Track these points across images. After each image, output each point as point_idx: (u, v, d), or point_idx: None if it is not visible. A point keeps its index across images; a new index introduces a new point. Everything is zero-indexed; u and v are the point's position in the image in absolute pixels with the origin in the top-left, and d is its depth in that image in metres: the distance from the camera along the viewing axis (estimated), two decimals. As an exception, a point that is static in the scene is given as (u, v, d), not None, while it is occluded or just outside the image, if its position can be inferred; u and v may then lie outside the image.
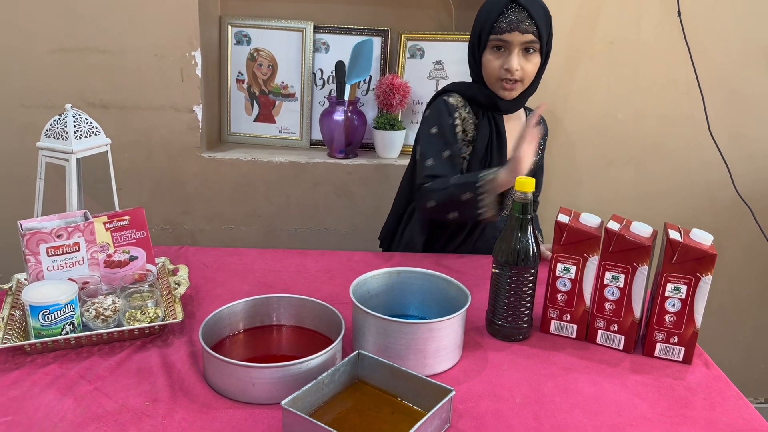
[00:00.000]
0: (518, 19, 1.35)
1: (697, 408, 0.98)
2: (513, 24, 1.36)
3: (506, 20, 1.36)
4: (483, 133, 1.46)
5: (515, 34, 1.36)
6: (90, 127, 1.31)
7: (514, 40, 1.37)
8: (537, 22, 1.37)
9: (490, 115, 1.48)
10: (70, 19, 1.82)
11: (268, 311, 1.10)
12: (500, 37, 1.37)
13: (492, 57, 1.40)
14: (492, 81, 1.43)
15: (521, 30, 1.36)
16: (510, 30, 1.36)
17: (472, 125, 1.48)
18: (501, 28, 1.37)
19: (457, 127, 1.47)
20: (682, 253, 1.03)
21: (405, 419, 0.88)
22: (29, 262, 1.09)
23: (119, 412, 0.90)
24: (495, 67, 1.40)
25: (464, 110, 1.47)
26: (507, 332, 1.13)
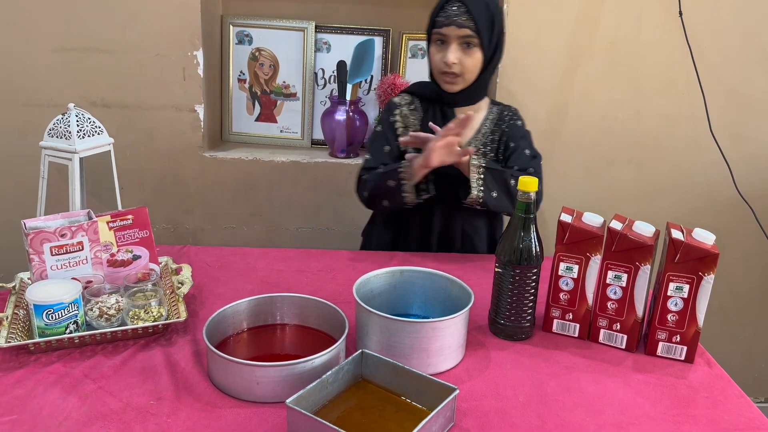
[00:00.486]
0: (456, 14, 1.41)
1: (700, 407, 0.98)
2: (450, 18, 1.41)
3: (445, 15, 1.42)
4: (426, 127, 1.50)
5: (452, 28, 1.42)
6: (93, 127, 1.31)
7: (451, 34, 1.42)
8: (475, 17, 1.41)
9: (440, 108, 1.53)
10: (72, 18, 1.83)
11: (271, 310, 1.10)
12: (439, 31, 1.44)
13: (434, 50, 1.47)
14: (436, 74, 1.49)
15: (458, 24, 1.41)
16: (447, 24, 1.42)
17: (416, 121, 1.54)
18: (440, 22, 1.43)
19: (396, 123, 1.54)
20: (684, 252, 1.04)
21: (409, 418, 0.89)
22: (33, 261, 1.09)
23: (124, 410, 0.90)
24: (436, 60, 1.46)
25: (407, 107, 1.55)
26: (510, 331, 1.13)
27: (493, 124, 1.55)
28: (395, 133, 1.54)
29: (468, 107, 1.52)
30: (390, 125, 1.54)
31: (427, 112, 1.54)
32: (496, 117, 1.56)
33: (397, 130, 1.54)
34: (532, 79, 1.91)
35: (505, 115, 1.57)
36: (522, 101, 1.92)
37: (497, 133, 1.55)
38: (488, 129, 1.55)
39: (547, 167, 1.98)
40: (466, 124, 1.36)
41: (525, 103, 1.93)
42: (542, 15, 1.87)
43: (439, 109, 1.53)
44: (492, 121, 1.56)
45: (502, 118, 1.56)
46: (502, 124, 1.56)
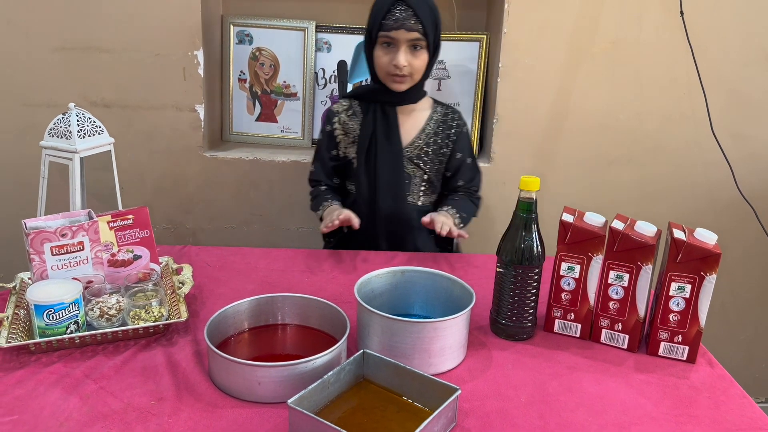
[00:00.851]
0: (404, 18, 1.43)
1: (702, 407, 0.98)
2: (399, 22, 1.43)
3: (393, 18, 1.44)
4: (366, 128, 1.55)
5: (401, 31, 1.44)
6: (93, 127, 1.31)
7: (401, 38, 1.45)
8: (422, 20, 1.44)
9: (380, 108, 1.55)
10: (72, 18, 1.82)
11: (272, 310, 1.10)
12: (388, 35, 1.45)
13: (382, 53, 1.49)
14: (383, 75, 1.51)
15: (407, 28, 1.44)
16: (396, 28, 1.44)
17: (355, 125, 1.58)
18: (388, 25, 1.44)
19: (335, 131, 1.59)
20: (686, 252, 1.03)
21: (411, 418, 0.89)
22: (33, 261, 1.09)
23: (125, 411, 0.90)
24: (385, 62, 1.48)
25: (345, 114, 1.59)
26: (511, 331, 1.13)
27: (437, 125, 1.59)
28: (335, 141, 1.59)
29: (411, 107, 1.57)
30: (329, 135, 1.60)
31: (366, 114, 1.56)
32: (440, 118, 1.60)
33: (337, 138, 1.59)
34: (532, 79, 1.91)
35: (450, 119, 1.61)
36: (523, 102, 1.92)
37: (440, 135, 1.59)
38: (432, 129, 1.59)
39: (549, 167, 1.99)
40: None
41: (526, 103, 1.93)
42: (542, 15, 1.87)
43: (380, 108, 1.55)
44: (436, 122, 1.59)
45: (446, 121, 1.60)
46: (447, 128, 1.60)
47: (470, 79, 2.00)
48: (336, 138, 1.59)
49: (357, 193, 1.57)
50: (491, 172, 1.97)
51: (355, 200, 1.58)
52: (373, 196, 1.55)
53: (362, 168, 1.55)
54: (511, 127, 1.94)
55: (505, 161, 1.96)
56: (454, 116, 1.62)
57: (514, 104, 1.93)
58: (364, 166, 1.55)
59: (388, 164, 1.54)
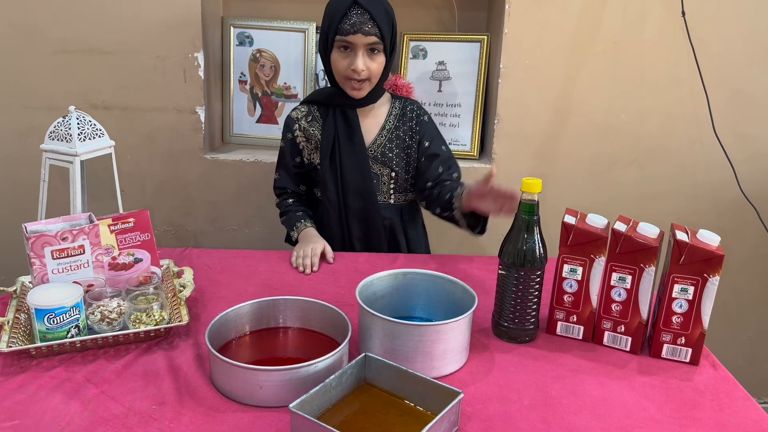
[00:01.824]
0: (361, 21, 1.40)
1: (706, 410, 0.97)
2: (356, 26, 1.40)
3: (349, 22, 1.40)
4: (327, 133, 1.53)
5: (359, 36, 1.41)
6: (94, 129, 1.31)
7: (358, 42, 1.42)
8: (379, 23, 1.41)
9: (339, 110, 1.53)
10: (72, 20, 1.82)
11: (274, 313, 1.10)
12: (345, 39, 1.42)
13: (339, 57, 1.46)
14: (341, 79, 1.49)
15: (364, 32, 1.41)
16: (354, 32, 1.41)
17: (316, 130, 1.55)
18: (345, 29, 1.41)
19: (297, 139, 1.57)
20: (689, 254, 1.03)
21: (413, 422, 0.88)
22: (34, 265, 1.09)
23: (126, 415, 0.90)
24: (343, 67, 1.46)
25: (305, 120, 1.56)
26: (513, 334, 1.13)
27: (397, 120, 1.58)
28: (297, 148, 1.58)
29: (370, 106, 1.55)
30: (291, 142, 1.58)
31: (326, 118, 1.54)
32: (399, 112, 1.58)
33: (299, 145, 1.57)
34: (534, 79, 1.90)
35: (409, 110, 1.59)
36: (524, 102, 1.92)
37: (402, 129, 1.57)
38: (393, 125, 1.57)
39: (550, 168, 1.99)
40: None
41: (527, 104, 1.92)
42: (544, 15, 1.86)
43: (340, 112, 1.53)
44: (396, 117, 1.58)
45: (406, 114, 1.58)
46: (408, 120, 1.57)
47: (471, 80, 1.99)
48: (299, 145, 1.57)
49: (325, 198, 1.56)
50: (493, 173, 1.96)
51: (325, 206, 1.57)
52: (343, 199, 1.54)
53: (328, 172, 1.53)
54: (512, 128, 1.94)
55: (507, 162, 1.96)
56: (413, 107, 1.59)
57: (516, 105, 1.92)
58: (329, 171, 1.53)
59: (353, 166, 1.52)
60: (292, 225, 1.58)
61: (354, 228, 1.56)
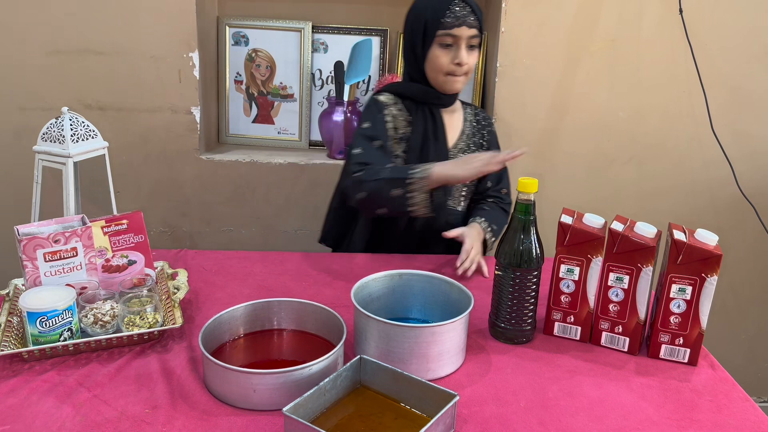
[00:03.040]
0: (464, 14, 1.39)
1: (704, 410, 0.96)
2: (461, 19, 1.39)
3: (453, 15, 1.39)
4: (418, 128, 1.48)
5: (463, 28, 1.39)
6: (87, 130, 1.30)
7: (463, 35, 1.40)
8: (478, 17, 1.42)
9: (428, 109, 1.49)
10: (66, 20, 1.81)
11: (268, 315, 1.09)
12: (450, 32, 1.40)
13: (440, 53, 1.42)
14: (439, 75, 1.45)
15: (468, 25, 1.40)
16: (458, 25, 1.39)
17: (404, 122, 1.49)
18: (449, 23, 1.39)
19: (387, 123, 1.48)
20: (687, 253, 1.02)
21: (408, 425, 0.87)
22: (26, 268, 1.08)
23: (119, 419, 0.89)
24: (444, 62, 1.42)
25: (395, 107, 1.49)
26: (510, 335, 1.12)
27: (472, 126, 1.57)
28: (386, 132, 1.47)
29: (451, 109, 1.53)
30: (381, 122, 1.47)
31: (415, 114, 1.49)
32: (473, 118, 1.58)
33: (389, 131, 1.48)
34: (531, 78, 1.89)
35: (483, 119, 1.59)
36: (522, 100, 1.91)
37: (477, 136, 1.57)
38: (470, 131, 1.56)
39: (548, 167, 1.98)
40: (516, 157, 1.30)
41: (524, 102, 1.91)
42: (541, 14, 1.85)
43: (428, 110, 1.50)
44: (470, 123, 1.57)
45: (479, 122, 1.58)
46: (481, 128, 1.58)
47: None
48: (388, 130, 1.47)
49: None
50: (490, 172, 1.95)
51: None
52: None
53: None
54: (509, 127, 1.93)
55: (504, 161, 1.95)
56: (484, 114, 1.60)
57: (513, 104, 1.91)
58: None
59: None
60: (404, 170, 1.33)
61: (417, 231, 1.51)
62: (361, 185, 1.35)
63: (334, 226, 1.62)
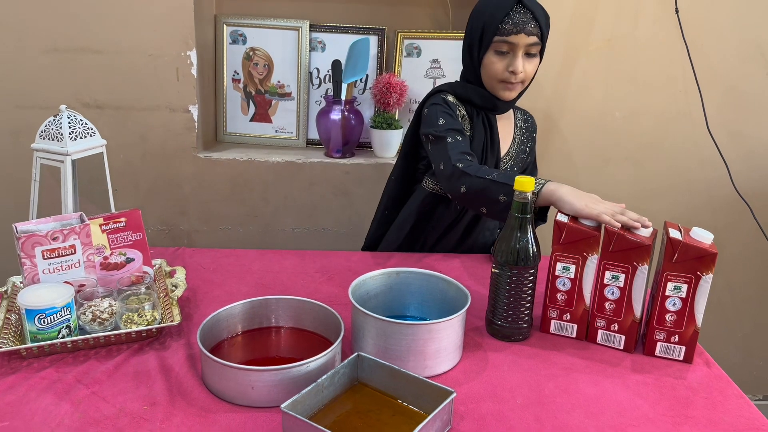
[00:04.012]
0: (524, 21, 1.34)
1: (699, 407, 0.97)
2: (519, 26, 1.34)
3: (512, 21, 1.34)
4: (479, 133, 1.45)
5: (521, 36, 1.35)
6: (85, 128, 1.30)
7: (520, 42, 1.35)
8: (540, 23, 1.36)
9: (485, 115, 1.47)
10: (64, 19, 1.81)
11: (266, 313, 1.09)
12: (506, 39, 1.35)
13: (495, 59, 1.38)
14: (493, 82, 1.41)
15: (527, 32, 1.34)
16: (516, 32, 1.34)
17: (468, 124, 1.47)
18: (507, 29, 1.34)
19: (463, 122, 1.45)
20: (682, 252, 1.03)
21: (406, 421, 0.88)
22: (25, 265, 1.08)
23: (117, 416, 0.89)
24: (499, 69, 1.38)
25: (461, 108, 1.46)
26: (507, 332, 1.12)
27: (521, 132, 1.55)
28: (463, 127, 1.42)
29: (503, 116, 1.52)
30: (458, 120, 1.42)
31: (476, 119, 1.45)
32: (522, 124, 1.56)
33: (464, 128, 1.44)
34: (528, 77, 1.90)
35: (531, 124, 1.59)
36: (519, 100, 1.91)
37: (526, 143, 1.55)
38: (521, 137, 1.54)
39: (544, 165, 1.98)
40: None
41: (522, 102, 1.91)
42: (538, 13, 1.86)
43: (485, 116, 1.46)
44: (521, 129, 1.55)
45: (528, 127, 1.57)
46: (530, 133, 1.57)
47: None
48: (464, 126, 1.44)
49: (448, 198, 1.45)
50: (487, 171, 1.96)
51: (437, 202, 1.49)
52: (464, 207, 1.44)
53: None
54: (506, 126, 1.93)
55: (501, 160, 1.95)
56: (532, 119, 1.59)
57: (510, 103, 1.92)
58: None
59: None
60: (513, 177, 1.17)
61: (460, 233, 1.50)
62: (465, 178, 1.27)
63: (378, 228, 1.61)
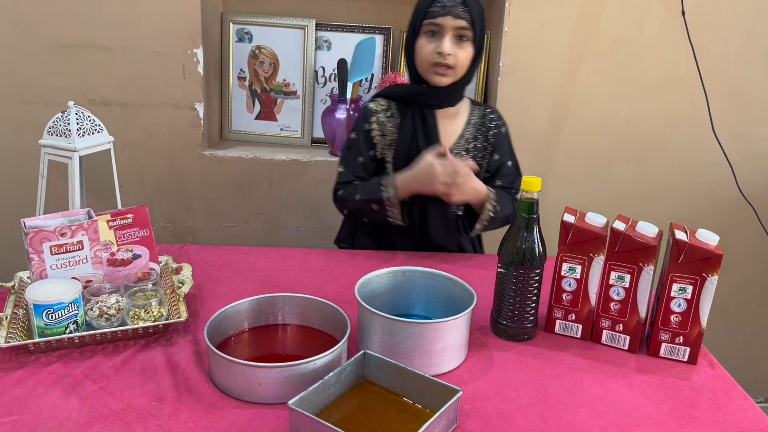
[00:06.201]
0: (452, 4, 1.37)
1: (703, 408, 0.98)
2: (446, 8, 1.37)
3: (440, 5, 1.38)
4: (405, 133, 1.46)
5: (448, 18, 1.37)
6: (93, 125, 1.30)
7: (447, 24, 1.38)
8: (470, 9, 1.38)
9: (418, 111, 1.47)
10: (71, 15, 1.82)
11: (273, 310, 1.10)
12: (434, 21, 1.38)
13: (425, 42, 1.41)
14: (425, 67, 1.42)
15: (454, 15, 1.37)
16: (443, 14, 1.37)
17: (392, 128, 1.48)
18: (434, 12, 1.38)
19: (373, 132, 1.48)
20: (688, 253, 1.03)
21: (412, 419, 0.88)
22: (32, 261, 1.08)
23: (124, 411, 0.89)
24: (428, 52, 1.40)
25: (384, 114, 1.48)
26: (512, 332, 1.13)
27: (475, 129, 1.51)
28: (371, 142, 1.48)
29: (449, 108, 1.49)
30: (366, 134, 1.48)
31: (405, 117, 1.47)
32: (478, 121, 1.52)
33: (374, 139, 1.48)
34: (533, 78, 1.90)
35: (489, 120, 1.52)
36: (523, 101, 1.92)
37: (480, 140, 1.51)
38: (471, 134, 1.51)
39: (549, 167, 1.99)
40: None
41: (526, 102, 1.92)
42: (544, 14, 1.86)
43: (419, 111, 1.46)
44: (474, 126, 1.51)
45: (485, 123, 1.52)
46: (486, 130, 1.51)
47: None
48: (373, 138, 1.48)
49: None
50: (491, 171, 1.96)
51: None
52: (411, 205, 1.45)
53: None
54: (511, 126, 1.92)
55: (506, 160, 1.96)
56: (492, 117, 1.53)
57: (515, 103, 1.92)
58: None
59: None
60: (377, 187, 1.41)
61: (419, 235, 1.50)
62: (344, 203, 1.48)
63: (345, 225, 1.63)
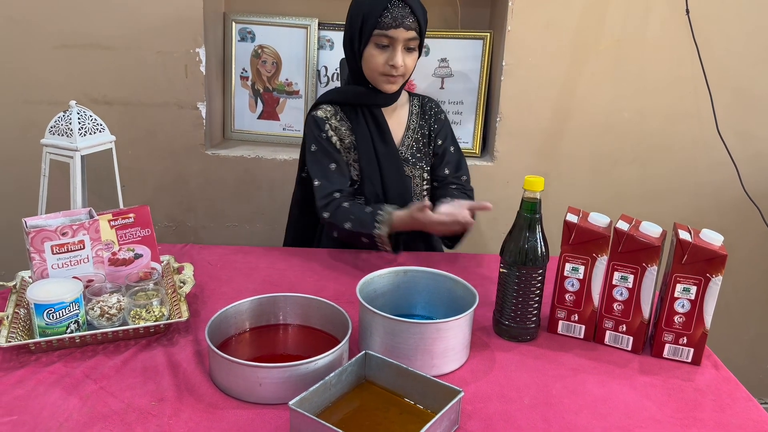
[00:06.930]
0: (402, 15, 1.36)
1: (707, 410, 0.97)
2: (398, 20, 1.36)
3: (391, 16, 1.36)
4: (361, 134, 1.47)
5: (400, 30, 1.37)
6: (94, 124, 1.30)
7: (399, 37, 1.37)
8: (419, 18, 1.38)
9: (367, 111, 1.48)
10: (73, 15, 1.82)
11: (274, 310, 1.10)
12: (385, 33, 1.37)
13: (375, 52, 1.40)
14: (374, 75, 1.43)
15: (405, 26, 1.37)
16: (395, 26, 1.36)
17: (346, 131, 1.48)
18: (386, 23, 1.36)
19: (332, 138, 1.47)
20: (692, 253, 1.02)
21: (413, 420, 0.88)
22: (34, 260, 1.08)
23: (125, 411, 0.89)
24: (380, 63, 1.40)
25: (334, 119, 1.48)
26: (514, 332, 1.12)
27: (419, 119, 1.56)
28: (335, 147, 1.47)
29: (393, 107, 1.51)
30: (327, 141, 1.46)
31: (354, 119, 1.47)
32: (419, 110, 1.57)
33: (335, 144, 1.47)
34: (537, 77, 1.90)
35: (428, 108, 1.57)
36: (527, 100, 1.91)
37: (425, 128, 1.55)
38: (416, 124, 1.55)
39: (552, 166, 1.98)
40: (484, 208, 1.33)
41: (530, 102, 1.92)
42: (547, 13, 1.85)
43: (368, 111, 1.48)
44: (417, 116, 1.56)
45: (426, 111, 1.57)
46: (428, 118, 1.56)
47: (473, 78, 1.99)
48: (335, 144, 1.47)
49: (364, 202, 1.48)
50: (494, 171, 1.96)
51: None
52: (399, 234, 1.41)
53: (368, 176, 1.46)
54: (514, 126, 1.93)
55: (509, 160, 1.95)
56: (431, 105, 1.58)
57: (518, 103, 1.91)
58: (370, 174, 1.46)
59: (391, 169, 1.48)
60: (370, 222, 1.36)
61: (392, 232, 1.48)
62: (333, 227, 1.42)
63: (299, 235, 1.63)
